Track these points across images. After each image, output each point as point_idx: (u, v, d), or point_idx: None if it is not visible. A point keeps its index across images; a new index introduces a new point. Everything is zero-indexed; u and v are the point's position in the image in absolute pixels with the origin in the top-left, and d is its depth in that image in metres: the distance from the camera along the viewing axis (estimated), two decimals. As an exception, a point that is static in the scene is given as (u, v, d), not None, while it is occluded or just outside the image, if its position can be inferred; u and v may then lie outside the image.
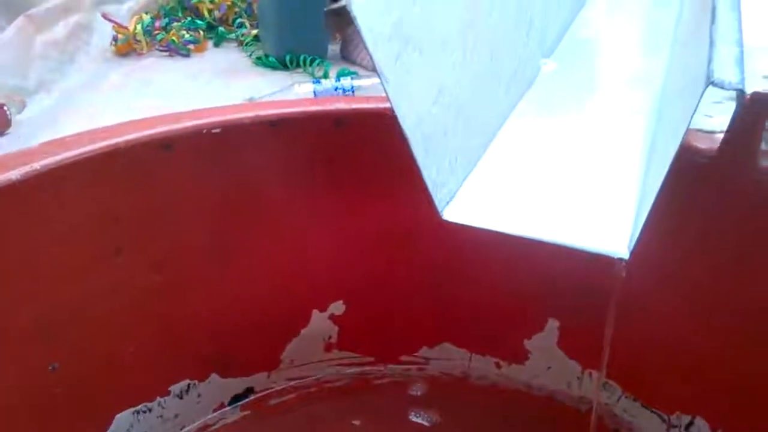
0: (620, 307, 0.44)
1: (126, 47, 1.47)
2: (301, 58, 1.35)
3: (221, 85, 1.31)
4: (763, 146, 0.36)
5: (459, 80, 0.37)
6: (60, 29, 1.42)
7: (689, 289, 0.41)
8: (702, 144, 0.39)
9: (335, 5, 0.30)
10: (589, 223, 0.32)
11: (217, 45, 1.57)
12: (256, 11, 1.55)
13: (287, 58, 1.37)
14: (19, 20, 1.29)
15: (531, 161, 0.38)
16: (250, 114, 0.41)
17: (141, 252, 0.39)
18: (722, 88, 0.24)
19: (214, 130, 0.40)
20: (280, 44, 1.39)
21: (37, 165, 0.34)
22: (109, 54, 1.47)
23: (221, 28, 1.57)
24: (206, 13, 1.59)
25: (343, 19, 0.30)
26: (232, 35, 1.57)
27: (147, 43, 1.47)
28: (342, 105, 0.44)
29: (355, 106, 0.45)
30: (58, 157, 0.34)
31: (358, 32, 0.30)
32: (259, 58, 1.43)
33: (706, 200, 0.38)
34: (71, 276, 0.37)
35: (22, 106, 1.13)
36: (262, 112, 0.42)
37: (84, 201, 0.36)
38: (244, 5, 1.61)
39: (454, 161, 0.35)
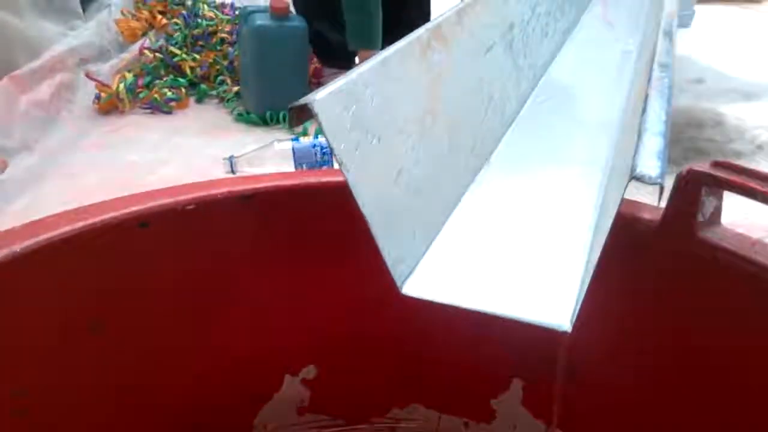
0: (579, 368, 0.46)
1: (109, 105, 1.50)
2: (281, 114, 1.39)
3: (203, 143, 1.34)
4: (700, 218, 0.39)
5: (418, 160, 0.39)
6: (44, 89, 1.45)
7: (642, 351, 0.43)
8: (647, 214, 0.42)
9: (298, 102, 0.32)
10: (537, 296, 0.34)
11: (199, 102, 1.60)
12: (237, 69, 1.60)
13: (267, 114, 1.41)
14: (4, 81, 1.32)
15: (487, 232, 0.40)
16: (223, 190, 0.44)
17: (118, 326, 0.40)
18: (643, 182, 0.27)
19: (188, 207, 0.42)
20: (260, 101, 1.42)
21: (17, 248, 0.35)
22: (92, 112, 1.50)
23: (203, 86, 1.61)
24: (188, 71, 1.63)
25: (305, 115, 0.33)
26: (214, 92, 1.61)
27: (129, 101, 1.50)
28: (312, 179, 0.46)
29: (324, 179, 0.47)
30: (39, 239, 0.36)
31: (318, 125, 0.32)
32: (240, 115, 1.47)
33: (653, 267, 0.41)
34: (49, 353, 0.38)
35: (4, 167, 1.15)
36: (235, 188, 0.44)
37: (63, 280, 0.37)
38: (225, 62, 1.65)
39: (413, 237, 0.37)
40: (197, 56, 1.65)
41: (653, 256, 0.41)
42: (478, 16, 0.54)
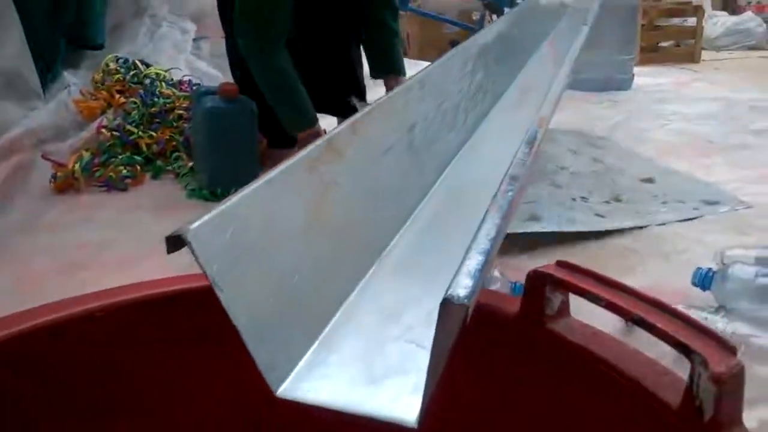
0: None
1: (65, 184, 1.54)
2: (231, 190, 1.44)
3: (155, 220, 1.38)
4: (549, 311, 0.44)
5: (299, 269, 0.44)
6: (0, 171, 1.49)
7: (515, 428, 0.47)
8: (508, 307, 0.47)
9: (174, 231, 0.37)
10: (394, 396, 0.38)
11: (155, 178, 1.65)
12: (192, 144, 1.65)
13: (219, 191, 1.46)
14: (-41, 167, 1.35)
15: (364, 333, 0.45)
16: (130, 296, 0.48)
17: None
18: (452, 302, 0.32)
19: (97, 314, 0.46)
20: (212, 178, 1.48)
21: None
22: (49, 192, 1.54)
23: (158, 162, 1.66)
24: (145, 148, 1.68)
25: (181, 243, 0.37)
26: (170, 167, 1.66)
27: (85, 180, 1.54)
28: (216, 281, 0.51)
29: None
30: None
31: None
32: (192, 191, 1.52)
33: (513, 354, 0.46)
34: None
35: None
36: (141, 294, 0.48)
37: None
38: (181, 138, 1.71)
39: (289, 344, 0.41)
40: (154, 133, 1.70)
41: (513, 345, 0.46)
42: (375, 123, 0.61)
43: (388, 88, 1.51)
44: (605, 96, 2.37)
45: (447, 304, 0.32)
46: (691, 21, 3.35)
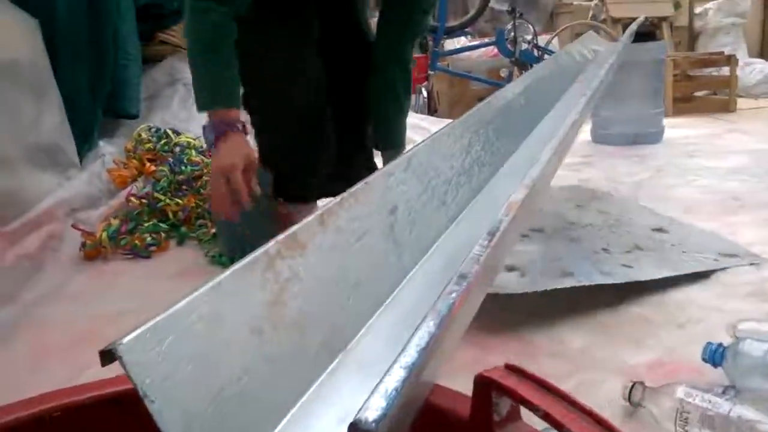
0: None
1: (94, 252, 1.59)
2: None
3: (175, 287, 1.41)
4: (496, 417, 0.43)
5: (250, 369, 0.44)
6: (32, 241, 1.55)
7: None
8: (460, 408, 0.46)
9: (107, 346, 0.38)
10: None
11: (179, 244, 1.69)
12: (216, 211, 1.69)
13: (237, 258, 1.48)
14: (-8, 238, 1.42)
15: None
16: (91, 395, 0.49)
17: None
18: (359, 428, 0.31)
19: (55, 414, 0.47)
20: (230, 244, 1.51)
21: None
22: (78, 259, 1.59)
23: (183, 229, 1.70)
24: (171, 215, 1.73)
25: (113, 358, 0.38)
26: (194, 234, 1.70)
27: (111, 248, 1.59)
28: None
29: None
30: None
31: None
32: (214, 257, 1.55)
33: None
34: None
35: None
36: (103, 392, 0.50)
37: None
38: (206, 205, 1.76)
39: (230, 450, 0.41)
40: (180, 200, 1.76)
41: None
42: (348, 211, 0.61)
43: (385, 161, 1.48)
44: (634, 150, 2.35)
45: (354, 430, 0.31)
46: (726, 70, 3.30)
